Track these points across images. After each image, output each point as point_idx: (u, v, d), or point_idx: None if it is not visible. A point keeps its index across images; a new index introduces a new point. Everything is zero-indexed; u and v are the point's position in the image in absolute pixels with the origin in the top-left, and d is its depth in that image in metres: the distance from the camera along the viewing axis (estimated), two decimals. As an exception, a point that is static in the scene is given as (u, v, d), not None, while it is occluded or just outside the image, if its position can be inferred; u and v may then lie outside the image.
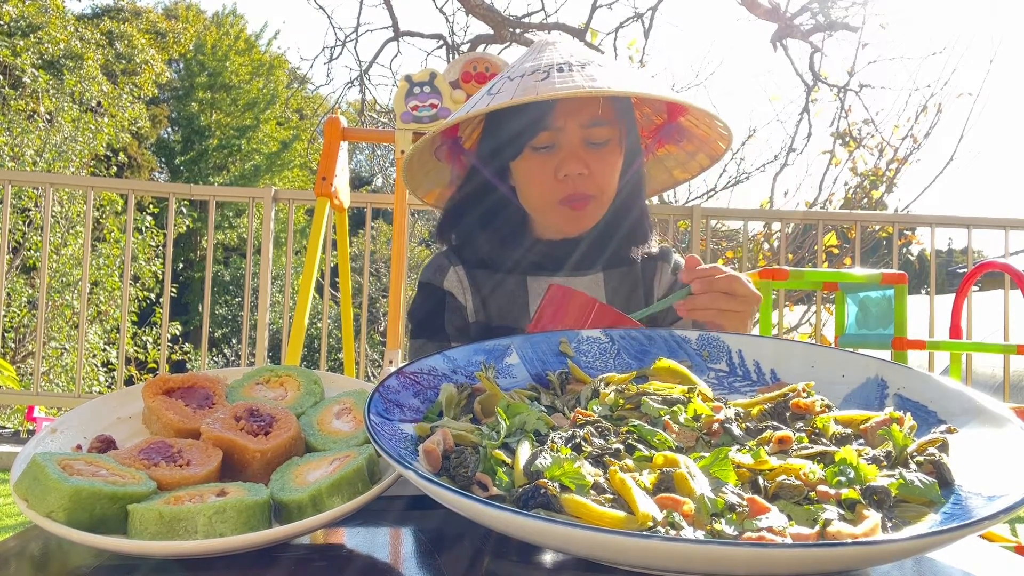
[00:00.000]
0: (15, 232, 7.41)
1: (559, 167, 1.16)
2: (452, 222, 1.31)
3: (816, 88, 6.25)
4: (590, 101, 1.15)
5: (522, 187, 1.24)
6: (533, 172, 1.20)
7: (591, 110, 1.16)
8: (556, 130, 1.16)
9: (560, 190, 1.18)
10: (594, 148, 1.17)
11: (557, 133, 1.17)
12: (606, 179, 1.19)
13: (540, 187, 1.20)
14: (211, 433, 0.73)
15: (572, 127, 1.16)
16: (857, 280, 2.79)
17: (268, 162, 17.30)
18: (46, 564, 0.66)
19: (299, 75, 16.63)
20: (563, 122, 1.16)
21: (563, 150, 1.17)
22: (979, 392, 0.73)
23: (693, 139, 1.30)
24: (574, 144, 1.17)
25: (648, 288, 1.32)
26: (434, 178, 1.36)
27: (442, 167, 1.32)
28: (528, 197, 1.24)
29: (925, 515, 0.58)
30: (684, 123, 1.29)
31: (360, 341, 4.52)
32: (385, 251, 8.67)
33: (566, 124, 1.16)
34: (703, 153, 1.33)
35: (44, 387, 6.07)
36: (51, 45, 11.03)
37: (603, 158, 1.18)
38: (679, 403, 0.73)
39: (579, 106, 1.15)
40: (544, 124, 1.16)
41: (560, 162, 1.17)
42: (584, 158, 1.16)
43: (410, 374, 0.78)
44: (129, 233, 4.26)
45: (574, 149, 1.17)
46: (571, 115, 1.16)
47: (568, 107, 1.15)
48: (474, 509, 0.54)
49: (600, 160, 1.18)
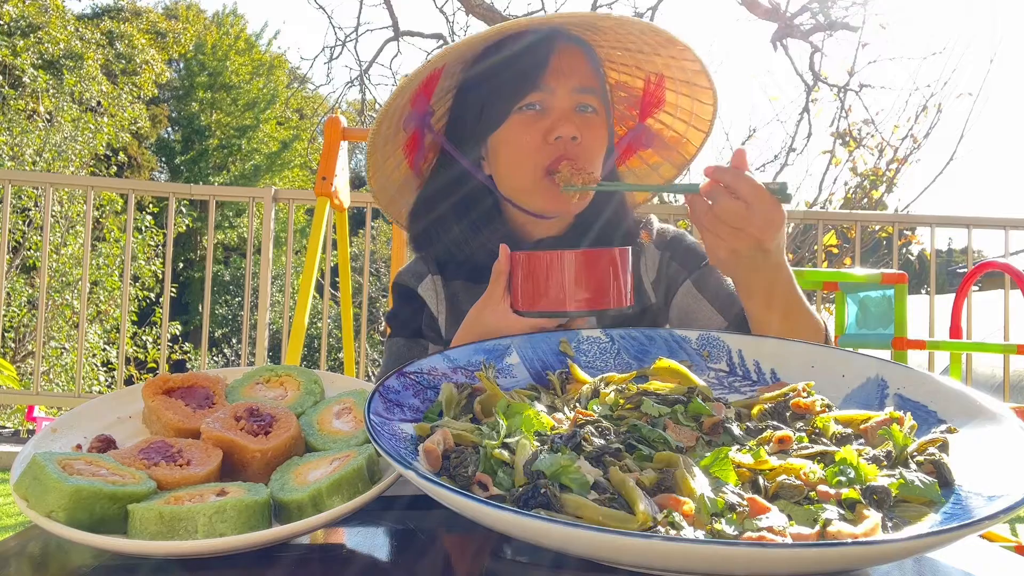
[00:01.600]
0: (15, 232, 7.41)
1: (551, 129, 1.08)
2: (424, 222, 1.21)
3: (816, 88, 6.25)
4: (580, 65, 1.12)
5: (505, 158, 1.13)
6: (520, 136, 1.10)
7: (581, 74, 1.12)
8: (548, 91, 1.10)
9: (548, 154, 1.09)
10: (584, 114, 1.12)
11: (548, 96, 1.10)
12: (595, 150, 1.12)
13: (527, 151, 1.10)
14: (211, 433, 0.73)
15: (563, 91, 1.10)
16: (857, 280, 2.79)
17: (268, 162, 17.30)
18: (46, 564, 0.66)
19: (299, 75, 16.65)
20: (555, 83, 1.10)
21: (554, 112, 1.10)
22: (979, 392, 0.73)
23: (661, 146, 1.27)
24: (566, 107, 1.10)
25: (636, 273, 1.21)
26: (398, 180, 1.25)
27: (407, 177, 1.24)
28: (512, 168, 1.13)
29: (925, 515, 0.58)
30: (654, 125, 1.26)
31: (360, 341, 4.52)
32: (385, 251, 8.67)
33: (557, 86, 1.10)
34: (668, 163, 1.29)
35: (44, 387, 6.07)
36: (51, 45, 11.03)
37: (593, 127, 1.12)
38: (679, 403, 0.73)
39: (571, 68, 1.11)
40: (534, 83, 1.09)
41: (553, 123, 1.09)
42: (576, 122, 1.09)
43: (410, 374, 0.78)
44: (129, 233, 4.26)
45: (566, 111, 1.10)
46: (563, 76, 1.10)
47: (560, 68, 1.10)
48: (474, 509, 0.54)
49: (590, 129, 1.11)
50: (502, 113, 1.11)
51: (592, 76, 1.14)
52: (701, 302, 1.15)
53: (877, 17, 6.06)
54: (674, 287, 1.19)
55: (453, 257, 1.21)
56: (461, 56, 1.13)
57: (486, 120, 1.13)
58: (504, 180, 1.15)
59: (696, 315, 1.15)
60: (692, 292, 1.16)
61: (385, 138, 1.16)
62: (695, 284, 1.16)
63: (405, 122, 1.16)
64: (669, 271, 1.20)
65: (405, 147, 1.20)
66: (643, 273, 1.21)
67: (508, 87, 1.10)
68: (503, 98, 1.11)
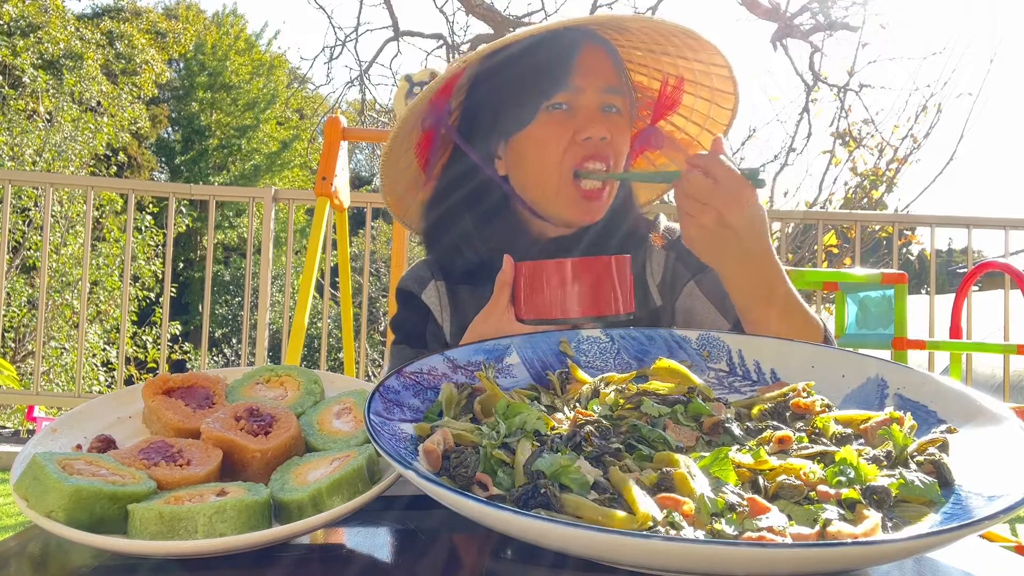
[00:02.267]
0: (15, 232, 7.41)
1: (581, 128, 1.07)
2: (438, 221, 1.20)
3: (816, 88, 6.25)
4: (606, 64, 1.11)
5: (532, 158, 1.11)
6: (548, 136, 1.08)
7: (608, 75, 1.11)
8: (576, 91, 1.08)
9: (576, 154, 1.08)
10: (610, 114, 1.11)
11: (575, 95, 1.09)
12: (622, 151, 1.11)
13: (555, 152, 1.08)
14: (211, 433, 0.73)
15: (591, 91, 1.09)
16: (857, 280, 2.79)
17: (268, 162, 17.29)
18: (46, 564, 0.66)
19: (299, 75, 16.64)
20: (583, 82, 1.08)
21: (583, 111, 1.09)
22: (979, 392, 0.73)
23: (670, 148, 1.26)
24: (593, 107, 1.09)
25: (642, 282, 1.20)
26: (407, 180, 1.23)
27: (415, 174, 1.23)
28: (538, 168, 1.11)
29: (925, 515, 0.58)
30: (664, 127, 1.25)
31: (360, 341, 4.52)
32: (385, 251, 8.67)
33: (586, 86, 1.09)
34: (675, 165, 1.27)
35: (44, 387, 6.07)
36: (51, 45, 11.02)
37: (620, 128, 1.11)
38: (679, 403, 0.73)
39: (598, 67, 1.10)
40: (562, 83, 1.08)
41: (582, 123, 1.07)
42: (605, 123, 1.09)
43: (410, 374, 0.78)
44: (129, 233, 4.26)
45: (595, 112, 1.09)
46: (591, 75, 1.09)
47: (588, 67, 1.09)
48: (474, 509, 0.54)
49: (618, 129, 1.10)
50: (529, 112, 1.09)
51: (617, 76, 1.13)
52: (704, 303, 1.14)
53: (877, 17, 6.07)
54: (678, 287, 1.17)
55: (460, 254, 1.18)
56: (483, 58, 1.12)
57: (510, 119, 1.11)
58: (527, 183, 1.14)
59: (699, 316, 1.14)
60: (696, 293, 1.15)
61: (403, 138, 1.14)
62: (698, 285, 1.15)
63: (423, 120, 1.15)
64: (675, 271, 1.19)
65: (417, 146, 1.19)
66: (649, 276, 1.19)
67: (534, 86, 1.09)
68: (530, 97, 1.09)
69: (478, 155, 1.15)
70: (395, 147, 1.14)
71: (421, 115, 1.13)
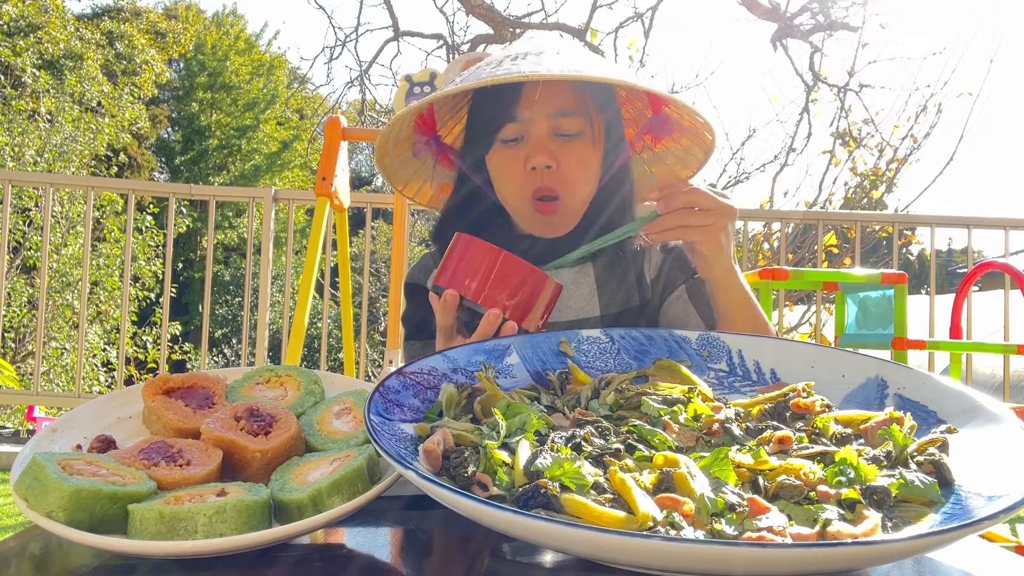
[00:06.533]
0: (15, 232, 7.41)
1: (527, 159, 1.12)
2: (449, 224, 1.27)
3: (816, 88, 6.24)
4: (557, 90, 1.12)
5: (496, 183, 1.19)
6: (504, 166, 1.16)
7: (557, 100, 1.12)
8: (524, 121, 1.12)
9: (532, 181, 1.13)
10: (564, 140, 1.13)
11: (525, 125, 1.13)
12: (574, 173, 1.14)
13: (512, 181, 1.16)
14: (211, 433, 0.73)
15: (539, 118, 1.12)
16: (857, 280, 2.79)
17: (268, 162, 17.30)
18: (46, 564, 0.66)
19: (299, 75, 16.63)
20: (529, 113, 1.12)
21: (532, 140, 1.13)
22: (979, 392, 0.73)
23: (685, 132, 1.26)
24: (541, 135, 1.12)
25: (639, 273, 1.26)
26: (413, 169, 1.30)
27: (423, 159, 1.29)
28: (502, 193, 1.19)
29: (925, 515, 0.58)
30: (671, 114, 1.24)
31: (360, 341, 4.52)
32: (385, 251, 8.67)
33: (533, 115, 1.12)
34: (697, 147, 1.29)
35: (44, 387, 6.07)
36: (51, 45, 11.03)
37: (572, 151, 1.13)
38: (679, 403, 0.73)
39: (545, 96, 1.12)
40: (510, 115, 1.12)
41: (528, 153, 1.12)
42: (551, 149, 1.12)
43: (410, 374, 0.78)
44: (129, 233, 4.26)
45: (541, 140, 1.12)
46: (537, 105, 1.11)
47: (533, 97, 1.11)
48: (474, 509, 0.54)
49: (569, 153, 1.13)
50: (486, 144, 1.16)
51: (572, 98, 1.13)
52: (690, 309, 1.20)
53: (877, 17, 6.05)
54: (669, 290, 1.23)
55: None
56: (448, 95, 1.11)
57: (479, 146, 1.18)
58: (500, 199, 1.21)
59: (683, 322, 1.20)
60: (684, 298, 1.21)
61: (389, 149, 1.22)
62: (688, 291, 1.21)
63: (415, 148, 1.23)
64: (669, 275, 1.24)
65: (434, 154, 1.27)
66: (646, 271, 1.25)
67: (488, 120, 1.15)
68: (486, 130, 1.16)
69: (469, 165, 1.22)
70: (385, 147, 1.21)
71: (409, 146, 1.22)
